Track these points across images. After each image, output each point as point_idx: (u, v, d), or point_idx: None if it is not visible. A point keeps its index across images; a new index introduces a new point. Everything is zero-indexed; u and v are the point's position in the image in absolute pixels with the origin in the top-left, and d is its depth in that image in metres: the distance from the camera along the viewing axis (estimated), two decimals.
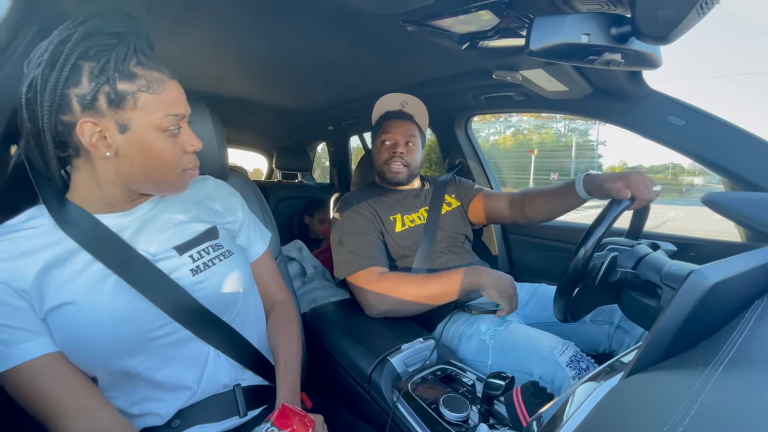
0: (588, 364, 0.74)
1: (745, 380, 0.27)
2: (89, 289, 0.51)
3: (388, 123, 1.14)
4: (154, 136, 0.52)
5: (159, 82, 0.52)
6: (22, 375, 0.47)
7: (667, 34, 0.51)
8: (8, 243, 0.50)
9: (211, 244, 0.62)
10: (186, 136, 0.56)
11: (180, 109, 0.54)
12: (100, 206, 0.56)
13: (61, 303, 0.49)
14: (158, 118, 0.52)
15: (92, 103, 0.48)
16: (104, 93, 0.48)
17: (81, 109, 0.48)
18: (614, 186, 0.76)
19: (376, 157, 1.15)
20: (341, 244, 1.01)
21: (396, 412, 0.68)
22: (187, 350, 0.57)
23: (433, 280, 0.90)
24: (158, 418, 0.56)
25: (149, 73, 0.51)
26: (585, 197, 0.91)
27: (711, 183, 6.93)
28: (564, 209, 1.00)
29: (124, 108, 0.49)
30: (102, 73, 0.47)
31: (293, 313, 0.77)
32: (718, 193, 0.60)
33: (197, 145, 0.57)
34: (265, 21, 0.89)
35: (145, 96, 0.50)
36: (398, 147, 1.11)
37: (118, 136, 0.50)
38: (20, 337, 0.47)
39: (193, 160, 0.59)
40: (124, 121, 0.50)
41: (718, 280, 0.31)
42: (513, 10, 0.67)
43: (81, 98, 0.48)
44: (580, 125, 6.99)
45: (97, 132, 0.49)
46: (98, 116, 0.49)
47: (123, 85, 0.49)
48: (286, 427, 0.51)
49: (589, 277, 0.69)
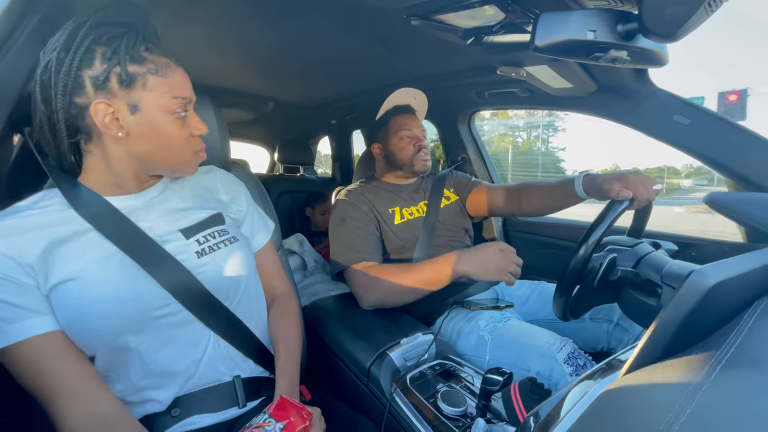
0: (586, 362, 0.74)
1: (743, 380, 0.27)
2: (95, 265, 0.52)
3: (404, 118, 1.14)
4: (163, 117, 0.55)
5: (167, 67, 0.55)
6: (22, 352, 0.47)
7: (674, 31, 0.50)
8: (17, 219, 0.51)
9: (217, 229, 0.64)
10: (193, 120, 0.59)
11: (186, 92, 0.57)
12: (110, 188, 0.57)
13: (65, 279, 0.50)
14: (167, 99, 0.54)
15: (104, 84, 0.51)
16: (116, 74, 0.51)
17: (94, 90, 0.51)
18: (614, 187, 0.76)
19: (399, 151, 1.13)
20: (336, 237, 1.02)
21: (393, 404, 0.69)
22: (187, 332, 0.58)
23: (418, 268, 0.89)
24: (158, 404, 0.57)
25: (157, 58, 0.54)
26: (584, 197, 0.91)
27: (700, 185, 6.88)
28: (560, 206, 1.00)
29: (134, 88, 0.52)
30: (114, 56, 0.50)
31: (294, 305, 0.78)
32: (720, 193, 0.59)
33: (203, 129, 0.60)
34: (268, 14, 0.88)
35: (154, 78, 0.53)
36: (420, 140, 1.13)
37: (129, 117, 0.53)
38: (22, 314, 0.48)
39: (200, 144, 0.61)
40: (134, 101, 0.52)
41: (719, 281, 0.31)
42: (518, 5, 0.67)
43: (94, 79, 0.50)
44: (544, 133, 6.96)
45: (110, 113, 0.51)
46: (110, 97, 0.51)
47: (133, 67, 0.52)
48: (283, 419, 0.52)
49: (588, 278, 0.70)
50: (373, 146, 1.19)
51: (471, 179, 1.25)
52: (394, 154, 1.14)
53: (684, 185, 7.38)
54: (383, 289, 0.90)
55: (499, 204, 1.13)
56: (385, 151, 1.16)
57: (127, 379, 0.55)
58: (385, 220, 1.05)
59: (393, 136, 1.13)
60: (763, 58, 16.73)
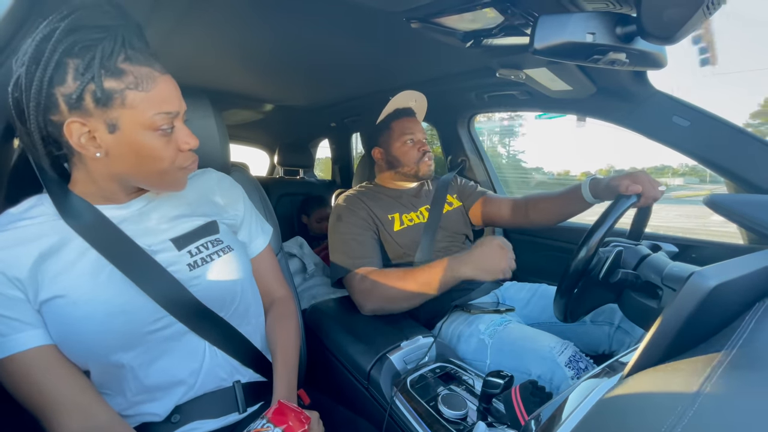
0: (587, 364, 0.74)
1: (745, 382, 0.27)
2: (83, 281, 0.50)
3: (407, 121, 1.13)
4: (144, 135, 0.50)
5: (148, 79, 0.49)
6: (15, 366, 0.47)
7: (672, 34, 0.51)
8: (7, 233, 0.49)
9: (210, 239, 0.61)
10: (180, 133, 0.53)
11: (172, 106, 0.51)
12: (97, 199, 0.55)
13: (54, 295, 0.49)
14: (148, 116, 0.49)
15: (78, 103, 0.46)
16: (90, 92, 0.46)
17: (68, 109, 0.46)
18: (622, 182, 0.77)
19: (404, 155, 1.12)
20: (335, 244, 1.01)
21: (394, 408, 0.68)
22: (182, 344, 0.57)
23: (416, 275, 0.87)
24: (155, 416, 0.56)
25: (138, 69, 0.48)
26: (591, 201, 0.92)
27: (691, 183, 6.87)
28: (569, 214, 1.01)
29: (111, 107, 0.47)
30: (87, 71, 0.45)
31: (293, 310, 0.77)
32: (720, 195, 0.59)
33: (192, 143, 0.54)
34: (269, 17, 0.88)
35: (134, 94, 0.48)
36: (424, 144, 1.12)
37: (107, 136, 0.48)
38: (14, 327, 0.47)
39: (190, 158, 0.56)
40: (112, 120, 0.47)
41: (720, 282, 0.31)
42: (518, 8, 0.67)
43: (67, 98, 0.46)
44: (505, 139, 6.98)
45: (86, 132, 0.47)
46: (86, 116, 0.47)
47: (110, 82, 0.46)
48: (281, 424, 0.52)
49: (593, 272, 0.69)
50: (374, 150, 1.17)
51: (476, 188, 1.24)
52: (398, 158, 1.12)
53: (674, 184, 7.37)
54: (382, 297, 0.89)
55: (505, 216, 1.13)
56: (388, 156, 1.14)
57: (122, 395, 0.54)
58: (384, 227, 1.04)
59: (396, 141, 1.12)
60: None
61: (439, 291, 0.86)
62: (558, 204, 1.01)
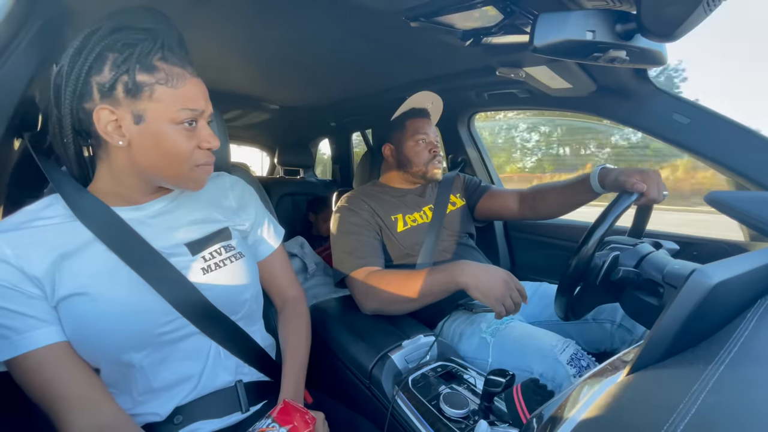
0: (589, 363, 0.74)
1: (747, 379, 0.27)
2: (101, 280, 0.51)
3: (421, 121, 1.13)
4: (168, 128, 0.52)
5: (179, 78, 0.52)
6: (29, 363, 0.47)
7: (672, 31, 0.51)
8: (25, 232, 0.50)
9: (223, 244, 0.63)
10: (203, 132, 0.56)
11: (198, 104, 0.54)
12: (115, 199, 0.56)
13: (72, 293, 0.50)
14: (174, 111, 0.52)
15: (110, 92, 0.49)
16: (122, 82, 0.49)
17: (100, 96, 0.50)
18: (631, 178, 0.76)
19: (415, 156, 1.11)
20: (337, 245, 1.01)
21: (395, 406, 0.68)
22: (189, 344, 0.57)
23: (418, 279, 0.85)
24: (157, 416, 0.56)
25: (171, 68, 0.52)
26: (599, 191, 0.91)
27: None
28: (576, 204, 1.00)
29: (140, 98, 0.50)
30: (123, 64, 0.49)
31: (304, 310, 0.77)
32: (721, 192, 0.59)
33: (214, 144, 0.57)
34: (268, 17, 0.88)
35: (162, 89, 0.51)
36: (435, 146, 1.12)
37: (132, 126, 0.51)
38: (30, 324, 0.48)
39: (207, 156, 0.58)
40: (139, 111, 0.51)
41: (721, 280, 0.31)
42: (517, 6, 0.67)
43: (101, 86, 0.49)
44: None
45: (113, 120, 0.50)
46: (115, 105, 0.50)
47: (142, 76, 0.50)
48: (287, 424, 0.52)
49: (591, 276, 0.69)
50: (384, 147, 1.16)
51: (480, 183, 1.24)
52: (408, 158, 1.12)
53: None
54: (383, 299, 0.89)
55: (513, 209, 1.13)
56: (398, 154, 1.14)
57: (129, 394, 0.55)
58: (387, 227, 1.04)
59: (409, 140, 1.11)
60: None
61: (438, 297, 0.84)
62: (566, 194, 1.00)
